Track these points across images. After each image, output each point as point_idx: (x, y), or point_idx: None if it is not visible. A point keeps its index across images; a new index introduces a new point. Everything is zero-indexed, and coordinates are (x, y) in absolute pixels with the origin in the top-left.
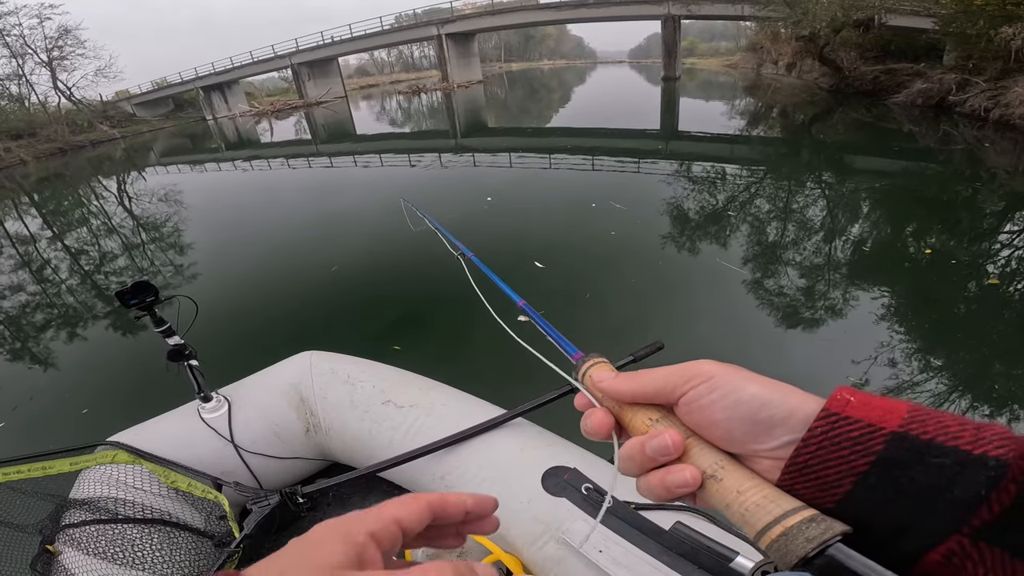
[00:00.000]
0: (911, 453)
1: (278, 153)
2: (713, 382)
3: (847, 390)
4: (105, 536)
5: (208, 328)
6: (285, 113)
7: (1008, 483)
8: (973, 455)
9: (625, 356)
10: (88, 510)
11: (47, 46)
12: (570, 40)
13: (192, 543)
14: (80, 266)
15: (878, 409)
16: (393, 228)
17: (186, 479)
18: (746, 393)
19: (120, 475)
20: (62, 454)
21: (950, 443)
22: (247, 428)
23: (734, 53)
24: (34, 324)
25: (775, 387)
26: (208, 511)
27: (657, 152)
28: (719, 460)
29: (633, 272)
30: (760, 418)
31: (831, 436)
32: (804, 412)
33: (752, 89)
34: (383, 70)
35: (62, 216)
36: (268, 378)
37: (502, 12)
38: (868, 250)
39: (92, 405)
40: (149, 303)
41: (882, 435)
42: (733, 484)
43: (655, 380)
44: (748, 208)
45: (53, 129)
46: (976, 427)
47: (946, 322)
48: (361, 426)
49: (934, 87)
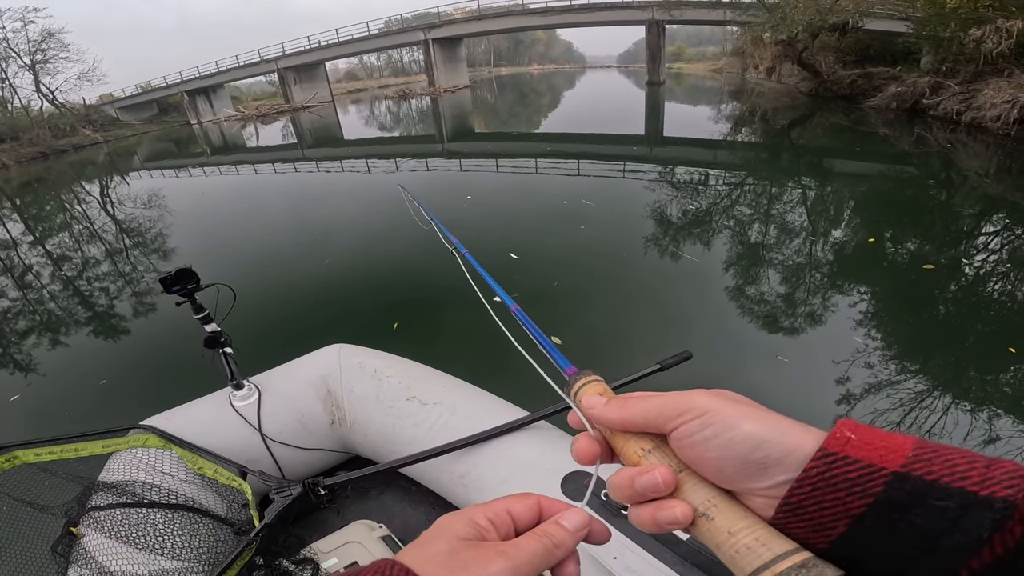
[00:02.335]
0: (912, 495)
1: (265, 158)
2: (706, 418)
3: (849, 425)
4: (129, 520)
5: (237, 318)
6: (271, 117)
7: (1014, 524)
8: (979, 496)
9: (652, 364)
10: (115, 493)
11: (30, 49)
12: (560, 45)
13: (212, 530)
14: (95, 259)
15: (880, 448)
16: (393, 224)
17: (213, 466)
18: (740, 432)
19: (149, 459)
20: (95, 436)
21: (956, 484)
22: (275, 417)
23: (720, 58)
24: (81, 311)
25: (772, 424)
26: (231, 499)
27: (641, 157)
28: (711, 497)
29: (599, 262)
30: (754, 458)
31: (827, 477)
32: (802, 452)
33: (736, 94)
34: (372, 74)
35: (71, 215)
36: (297, 369)
37: (488, 17)
38: (847, 253)
39: (127, 388)
40: (190, 290)
41: (882, 476)
42: (725, 524)
43: (646, 411)
44: (717, 206)
45: (35, 133)
46: (986, 465)
47: (928, 323)
48: (385, 421)
49: (908, 90)
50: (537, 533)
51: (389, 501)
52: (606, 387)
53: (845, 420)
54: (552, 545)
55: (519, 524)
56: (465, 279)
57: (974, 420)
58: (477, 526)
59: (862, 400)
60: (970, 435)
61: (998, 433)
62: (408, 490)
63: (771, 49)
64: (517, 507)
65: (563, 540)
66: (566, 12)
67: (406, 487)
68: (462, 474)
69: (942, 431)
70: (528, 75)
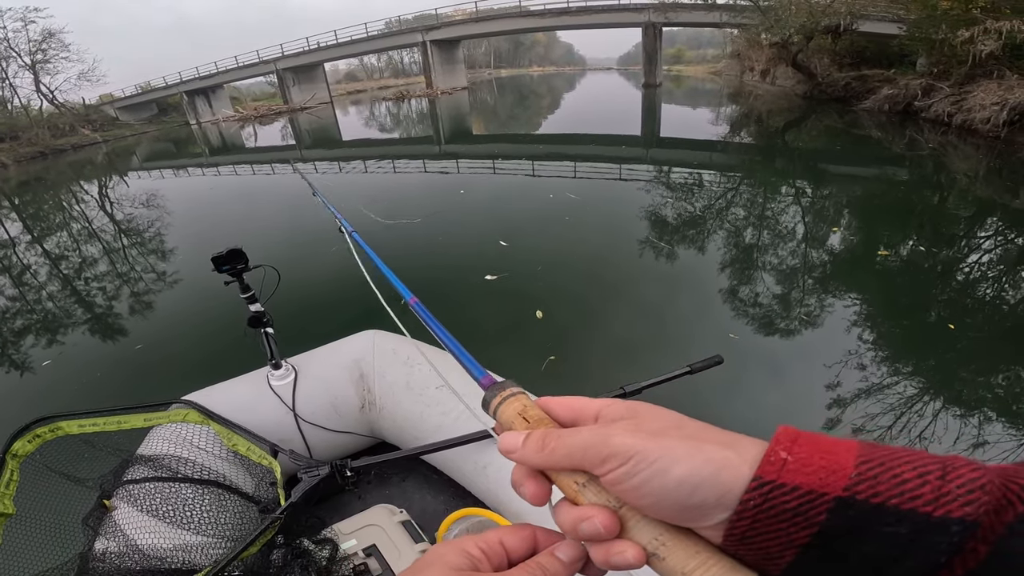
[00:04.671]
0: (858, 520)
1: (263, 159)
2: (631, 465)
3: (785, 441)
4: (161, 493)
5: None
6: (269, 118)
7: (977, 544)
8: (933, 519)
9: (682, 366)
10: (151, 467)
11: (31, 49)
12: (560, 47)
13: (239, 507)
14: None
15: (820, 469)
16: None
17: (246, 443)
18: (671, 479)
19: (187, 434)
20: (138, 409)
21: (906, 505)
22: (308, 399)
23: (720, 60)
24: (132, 293)
25: (706, 459)
26: (260, 477)
27: (636, 158)
28: (659, 535)
29: (580, 248)
30: (692, 503)
31: (765, 509)
32: (740, 487)
33: (734, 96)
34: (372, 75)
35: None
36: (333, 352)
37: (486, 19)
38: (837, 255)
39: (171, 365)
40: (239, 270)
41: (824, 503)
42: (677, 564)
43: (569, 455)
44: (702, 201)
45: (35, 132)
46: (940, 475)
47: (919, 325)
48: (413, 408)
49: (900, 93)
50: (530, 565)
51: (410, 488)
52: (526, 401)
53: (783, 431)
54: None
55: (513, 556)
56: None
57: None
58: (470, 556)
59: (858, 398)
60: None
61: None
62: (429, 478)
63: (766, 52)
64: (511, 538)
65: (557, 572)
66: (563, 14)
67: (428, 475)
68: (485, 464)
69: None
70: (528, 77)
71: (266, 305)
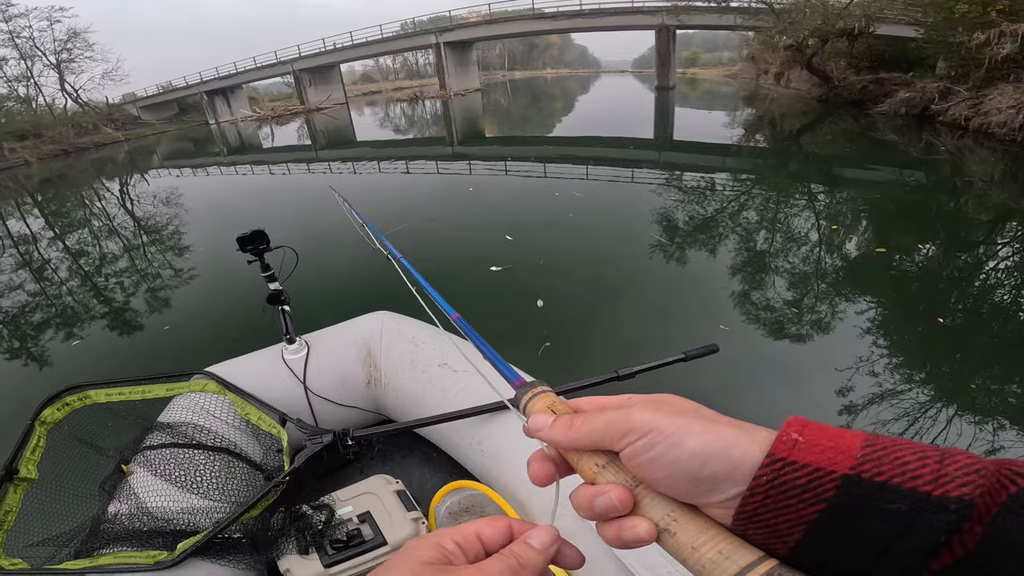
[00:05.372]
0: (863, 498)
1: (280, 158)
2: (650, 438)
3: (796, 426)
4: (175, 459)
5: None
6: (286, 118)
7: (974, 523)
8: (932, 497)
9: (677, 352)
10: (169, 433)
11: (56, 48)
12: (574, 49)
13: (246, 474)
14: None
15: (828, 449)
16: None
17: (258, 412)
18: (685, 451)
19: (205, 403)
20: (162, 379)
21: (907, 484)
22: (318, 373)
23: (736, 63)
24: (160, 274)
25: (715, 437)
26: (268, 445)
27: (649, 161)
28: (671, 511)
29: (582, 243)
30: (703, 476)
31: (777, 485)
32: (749, 463)
33: (749, 99)
34: (387, 76)
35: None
36: (344, 330)
37: (499, 22)
38: (848, 258)
39: (196, 342)
40: (261, 250)
41: (832, 480)
42: (687, 539)
43: (591, 432)
44: (712, 201)
45: (58, 131)
46: (939, 459)
47: (934, 332)
48: (416, 384)
49: (917, 96)
50: (504, 554)
51: (410, 464)
52: (555, 398)
53: (793, 418)
54: (518, 565)
55: (489, 548)
56: (405, 288)
57: None
58: (443, 550)
59: (871, 404)
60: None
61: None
62: (430, 456)
63: (780, 54)
64: (487, 530)
65: (531, 559)
66: (576, 17)
67: (428, 453)
68: (480, 440)
69: None
70: (542, 79)
71: (284, 284)
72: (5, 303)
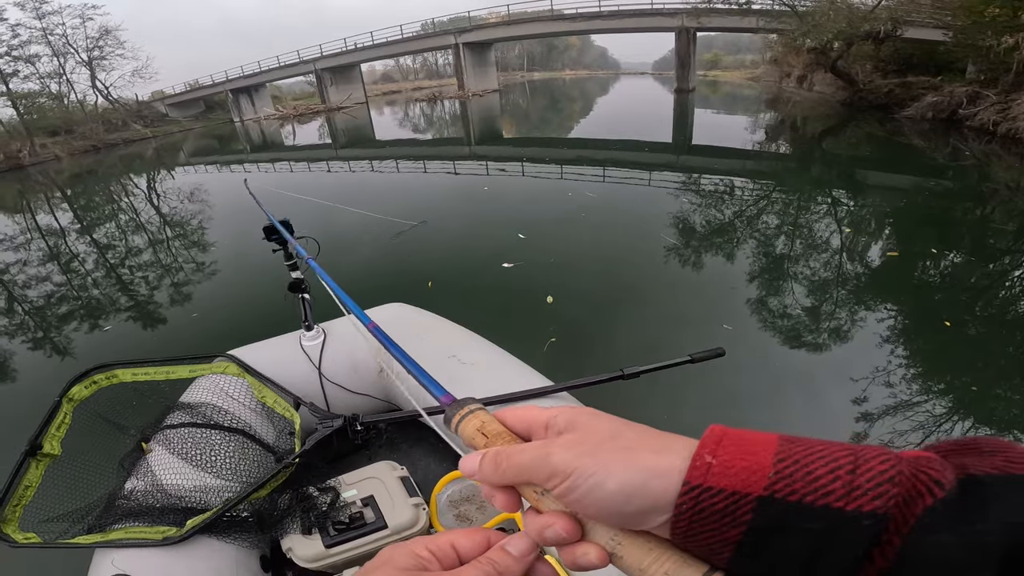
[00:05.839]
0: (780, 519)
1: (301, 156)
2: (571, 481)
3: (711, 444)
4: (193, 438)
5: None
6: (307, 117)
7: (891, 535)
8: (846, 513)
9: (683, 354)
10: (188, 413)
11: (88, 46)
12: (593, 50)
13: (259, 455)
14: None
15: (742, 471)
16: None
17: (274, 395)
18: (607, 492)
19: (225, 385)
20: (186, 361)
21: (820, 502)
22: (333, 360)
23: (758, 66)
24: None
25: (637, 470)
26: (280, 428)
27: (667, 164)
28: (614, 536)
29: (594, 243)
30: (629, 511)
31: (698, 511)
32: (671, 494)
33: (771, 102)
34: (407, 76)
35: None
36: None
37: (518, 23)
38: (870, 268)
39: (220, 327)
40: (285, 239)
41: (748, 503)
42: (634, 562)
43: (519, 473)
44: (719, 206)
45: (89, 127)
46: (851, 469)
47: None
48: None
49: (944, 100)
50: (481, 561)
51: (417, 454)
52: (484, 417)
53: (710, 431)
54: (495, 572)
55: (465, 558)
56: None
57: None
58: (418, 558)
59: (886, 414)
60: None
61: None
62: (436, 447)
63: (803, 57)
64: (463, 541)
65: (507, 567)
66: (595, 18)
67: (434, 443)
68: None
69: None
70: (560, 80)
71: (305, 273)
72: (42, 291)
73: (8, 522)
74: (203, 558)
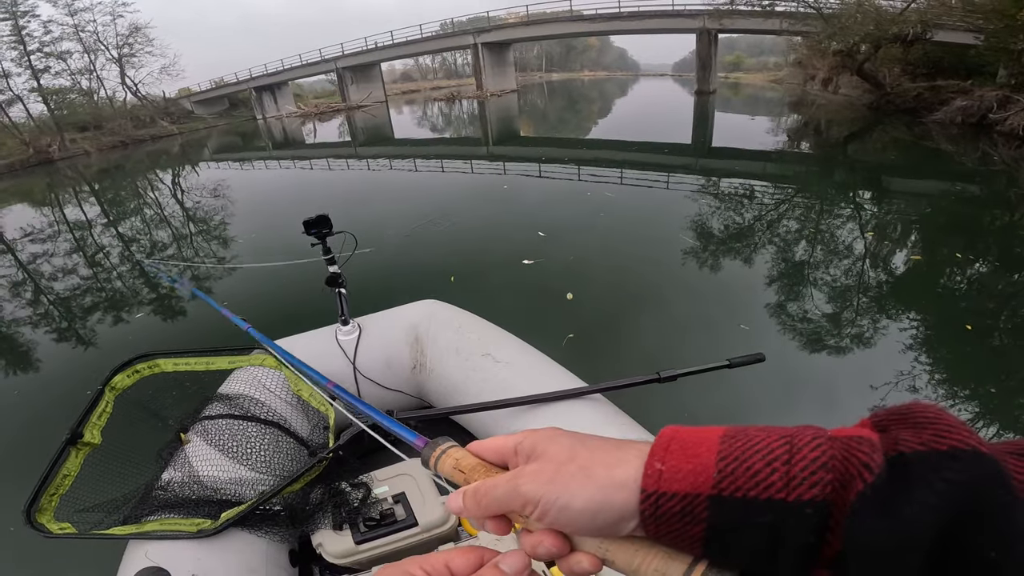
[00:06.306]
0: (733, 514)
1: (321, 154)
2: (541, 507)
3: (659, 452)
4: (230, 430)
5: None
6: (328, 115)
7: (838, 519)
8: (788, 503)
9: (721, 359)
10: (226, 405)
11: (118, 43)
12: (613, 51)
13: (292, 449)
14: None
15: (689, 473)
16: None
17: (310, 388)
18: (575, 511)
19: (262, 377)
20: (225, 352)
21: (763, 496)
22: (367, 355)
23: (782, 68)
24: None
25: (597, 487)
26: (315, 423)
27: (686, 167)
28: (601, 543)
29: (612, 242)
30: (599, 524)
31: (659, 516)
32: (633, 503)
33: (795, 105)
34: (426, 76)
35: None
36: (395, 316)
37: (537, 23)
38: (893, 274)
39: (258, 320)
40: (324, 234)
41: (701, 502)
42: (625, 564)
43: (498, 505)
44: (738, 209)
45: (117, 123)
46: (786, 460)
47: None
48: (459, 372)
49: (974, 105)
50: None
51: None
52: (458, 454)
53: (660, 435)
54: None
55: (457, 574)
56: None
57: None
58: (410, 574)
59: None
60: None
61: None
62: (467, 443)
63: (828, 60)
64: (458, 560)
65: None
66: (615, 19)
67: (465, 441)
68: (515, 431)
69: None
70: (579, 81)
71: (342, 268)
72: (69, 284)
73: (43, 511)
74: (235, 551)
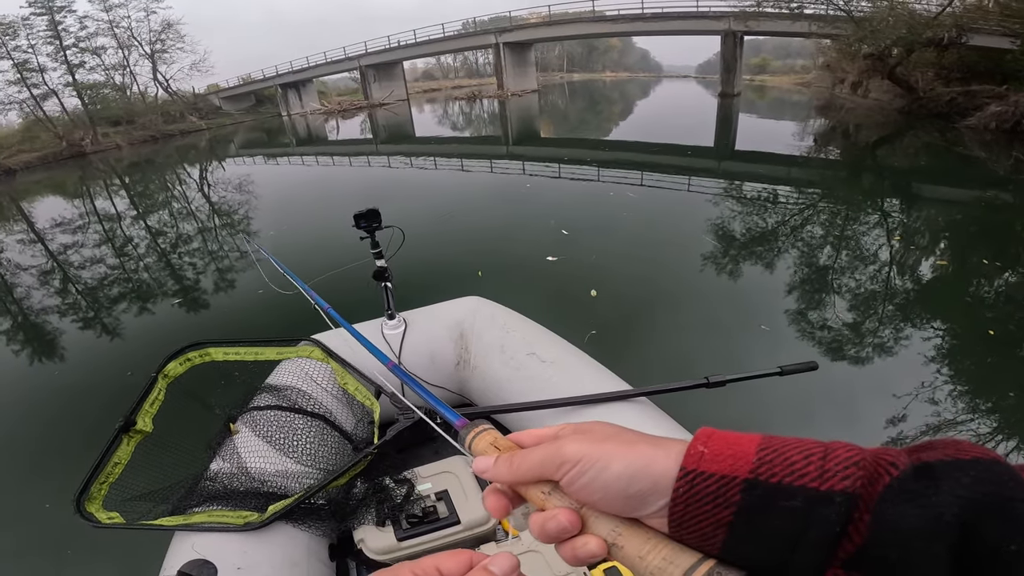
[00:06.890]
0: (765, 499)
1: (340, 151)
2: (580, 467)
3: (703, 437)
4: (277, 421)
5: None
6: (350, 113)
7: (862, 512)
8: (820, 492)
9: (772, 366)
10: (274, 396)
11: (151, 39)
12: (635, 52)
13: (337, 442)
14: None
15: (730, 457)
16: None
17: (356, 383)
18: (612, 474)
19: (309, 369)
20: (273, 343)
21: (798, 483)
22: (412, 350)
23: (809, 71)
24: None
25: (638, 455)
26: (359, 417)
27: (708, 170)
28: (615, 527)
29: (634, 242)
30: (632, 492)
31: (692, 494)
32: (668, 477)
33: (822, 109)
34: (448, 75)
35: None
36: (439, 311)
37: (559, 23)
38: (920, 283)
39: (308, 310)
40: (373, 228)
41: (736, 485)
42: (633, 551)
43: (531, 468)
44: (762, 213)
45: (148, 118)
46: (822, 456)
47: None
48: (503, 370)
49: (1008, 110)
50: None
51: None
52: (496, 435)
53: (702, 430)
54: None
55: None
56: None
57: None
58: None
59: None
60: None
61: None
62: None
63: (858, 63)
64: (448, 563)
65: None
66: (637, 20)
67: None
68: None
69: None
70: (600, 82)
71: (389, 263)
72: (109, 273)
73: (93, 500)
74: (279, 544)
